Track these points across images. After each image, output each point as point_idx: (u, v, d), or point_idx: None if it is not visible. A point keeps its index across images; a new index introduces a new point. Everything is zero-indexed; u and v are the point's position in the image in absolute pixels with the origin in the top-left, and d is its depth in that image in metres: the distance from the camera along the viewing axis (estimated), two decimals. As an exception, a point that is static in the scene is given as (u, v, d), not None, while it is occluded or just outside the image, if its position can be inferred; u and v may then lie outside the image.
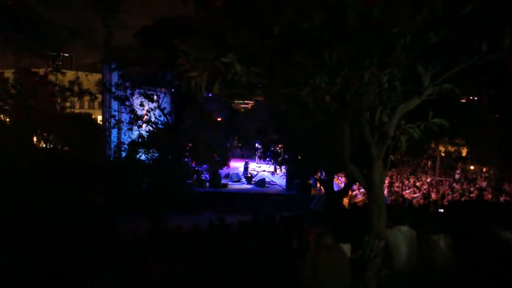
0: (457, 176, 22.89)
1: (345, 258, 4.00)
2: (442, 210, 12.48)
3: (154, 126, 14.86)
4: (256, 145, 18.67)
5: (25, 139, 13.67)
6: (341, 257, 3.91)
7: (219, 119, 17.49)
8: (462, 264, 4.82)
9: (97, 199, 11.50)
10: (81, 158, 13.00)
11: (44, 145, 14.55)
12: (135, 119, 14.74)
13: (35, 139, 14.84)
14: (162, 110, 14.91)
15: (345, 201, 17.60)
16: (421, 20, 3.52)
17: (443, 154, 26.76)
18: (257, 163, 26.74)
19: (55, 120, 14.20)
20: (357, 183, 17.84)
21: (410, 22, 3.55)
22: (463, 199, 16.35)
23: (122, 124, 15.51)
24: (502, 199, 16.14)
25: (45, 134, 14.45)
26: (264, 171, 24.97)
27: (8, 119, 15.92)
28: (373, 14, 3.49)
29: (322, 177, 15.16)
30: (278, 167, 22.49)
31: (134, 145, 14.81)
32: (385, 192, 18.23)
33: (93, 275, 4.10)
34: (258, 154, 18.43)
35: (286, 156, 16.25)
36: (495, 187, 18.41)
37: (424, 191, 19.37)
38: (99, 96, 17.22)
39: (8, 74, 15.73)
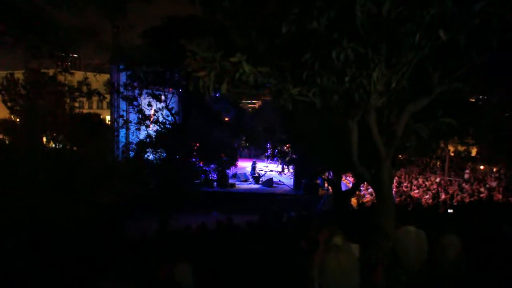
0: (466, 176, 22.65)
1: (353, 258, 3.98)
2: (451, 211, 12.37)
3: (162, 126, 14.91)
4: (265, 144, 18.64)
5: (35, 139, 13.80)
6: (349, 257, 3.90)
7: (226, 119, 17.50)
8: (473, 265, 4.77)
9: (106, 199, 11.56)
10: (90, 158, 13.08)
11: (53, 145, 14.67)
12: (143, 119, 14.80)
13: (44, 139, 14.96)
14: (170, 110, 14.96)
15: (353, 201, 17.52)
16: (430, 18, 3.49)
17: (452, 154, 26.53)
18: (266, 162, 26.71)
19: (64, 120, 14.31)
20: (365, 183, 17.76)
21: (419, 20, 3.52)
22: (472, 199, 16.18)
23: (130, 124, 15.58)
24: (512, 199, 15.94)
25: (54, 134, 14.56)
26: (272, 171, 24.95)
27: (18, 119, 16.08)
28: (381, 12, 3.46)
29: (330, 177, 15.09)
30: (286, 167, 22.47)
31: (142, 145, 14.88)
32: (393, 192, 18.10)
33: (102, 275, 4.12)
34: (266, 154, 18.41)
35: (294, 156, 16.20)
36: (505, 187, 18.20)
37: (433, 191, 19.22)
38: (108, 96, 17.32)
39: (18, 74, 15.89)
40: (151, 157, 15.08)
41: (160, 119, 14.90)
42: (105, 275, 4.13)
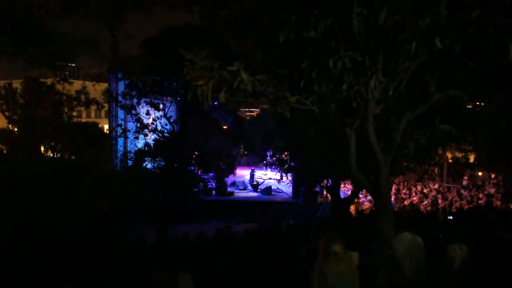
0: (465, 183, 22.68)
1: (353, 266, 3.97)
2: (451, 217, 12.35)
3: (160, 135, 14.92)
4: (263, 152, 18.65)
5: (33, 149, 13.79)
6: (349, 264, 3.89)
7: (225, 127, 17.52)
8: (475, 272, 4.75)
9: (104, 208, 11.53)
10: (88, 167, 13.06)
11: (51, 154, 14.65)
12: (141, 127, 14.81)
13: (42, 148, 14.94)
14: (168, 118, 14.97)
15: (352, 208, 17.49)
16: (426, 26, 3.52)
17: (450, 161, 26.54)
18: (264, 170, 26.68)
19: (62, 130, 14.31)
20: (363, 190, 17.74)
21: (415, 29, 3.55)
22: (471, 205, 16.18)
23: (128, 133, 15.58)
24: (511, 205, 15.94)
25: (52, 144, 14.55)
26: (271, 178, 24.92)
27: (16, 129, 16.07)
28: (378, 21, 3.50)
29: (328, 184, 15.09)
30: (284, 174, 22.45)
31: (141, 154, 14.86)
32: (392, 199, 18.09)
33: (100, 283, 4.10)
34: (265, 161, 18.41)
35: (292, 164, 16.20)
36: (504, 194, 18.20)
37: (432, 198, 19.21)
38: (106, 105, 17.36)
39: (17, 84, 15.92)
40: (149, 165, 15.05)
41: (159, 128, 14.90)
42: (103, 282, 4.11)
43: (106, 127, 22.38)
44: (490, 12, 3.50)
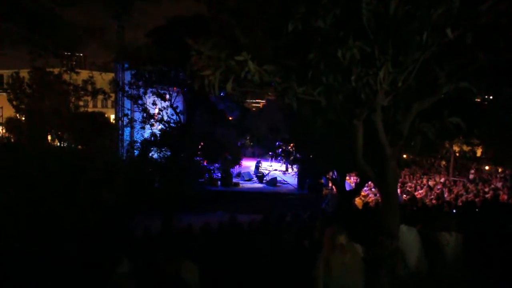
0: (471, 177, 22.57)
1: (358, 258, 3.97)
2: (455, 211, 12.30)
3: (166, 125, 14.94)
4: (269, 143, 18.62)
5: (40, 138, 13.87)
6: (354, 256, 3.89)
7: (230, 118, 17.50)
8: (477, 264, 4.74)
9: (111, 198, 11.60)
10: (95, 157, 13.12)
11: (58, 144, 14.73)
12: (148, 118, 14.84)
13: (49, 137, 15.03)
14: (174, 109, 14.98)
15: (358, 201, 17.48)
16: (438, 17, 3.46)
17: (457, 154, 26.39)
18: (269, 161, 26.70)
19: (69, 119, 14.36)
20: (368, 183, 17.69)
21: (426, 19, 3.49)
22: (477, 199, 16.10)
23: (134, 123, 15.62)
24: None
25: (59, 133, 14.62)
26: (276, 170, 24.94)
27: (23, 118, 16.18)
28: (388, 11, 3.44)
29: (334, 176, 15.06)
30: (290, 166, 22.47)
31: (147, 144, 14.91)
32: (398, 191, 18.04)
33: (107, 273, 4.13)
34: (270, 153, 18.43)
35: (298, 155, 16.18)
36: (511, 188, 18.10)
37: (438, 192, 19.14)
38: (112, 95, 17.39)
39: (24, 73, 15.98)
40: (155, 156, 15.11)
41: (165, 118, 14.93)
42: (109, 273, 4.14)
43: (112, 117, 22.46)
44: (503, 3, 3.43)
